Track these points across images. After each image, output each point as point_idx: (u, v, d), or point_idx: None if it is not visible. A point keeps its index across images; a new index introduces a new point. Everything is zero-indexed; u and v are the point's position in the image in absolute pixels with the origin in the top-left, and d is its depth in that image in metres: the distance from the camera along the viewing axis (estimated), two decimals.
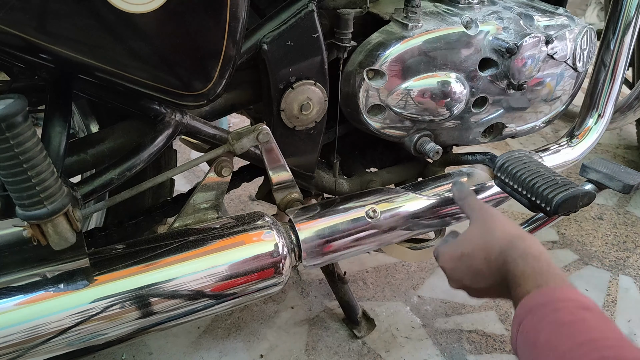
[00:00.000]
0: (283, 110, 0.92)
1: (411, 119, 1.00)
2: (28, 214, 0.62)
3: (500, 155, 1.04)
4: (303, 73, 0.90)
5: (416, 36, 0.94)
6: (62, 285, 0.75)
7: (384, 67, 0.93)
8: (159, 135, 0.81)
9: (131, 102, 0.81)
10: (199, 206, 0.91)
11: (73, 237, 0.68)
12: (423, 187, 1.06)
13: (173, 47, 0.67)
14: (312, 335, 1.36)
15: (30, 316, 0.72)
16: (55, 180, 0.62)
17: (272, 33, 0.86)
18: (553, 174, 0.95)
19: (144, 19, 0.62)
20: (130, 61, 0.66)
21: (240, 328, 1.37)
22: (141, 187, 0.82)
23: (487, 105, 1.07)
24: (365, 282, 1.53)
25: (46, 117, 0.72)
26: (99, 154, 0.84)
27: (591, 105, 1.25)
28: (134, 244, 0.83)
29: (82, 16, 0.60)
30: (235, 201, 1.85)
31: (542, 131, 2.35)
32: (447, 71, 0.98)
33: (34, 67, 0.74)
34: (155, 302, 0.79)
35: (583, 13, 2.35)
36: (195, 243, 0.84)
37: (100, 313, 0.76)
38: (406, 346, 1.34)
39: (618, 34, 1.19)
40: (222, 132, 0.90)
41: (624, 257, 1.70)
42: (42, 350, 0.73)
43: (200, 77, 0.71)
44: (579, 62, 1.12)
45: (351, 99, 0.97)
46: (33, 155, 0.59)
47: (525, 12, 1.06)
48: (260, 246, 0.86)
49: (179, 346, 1.32)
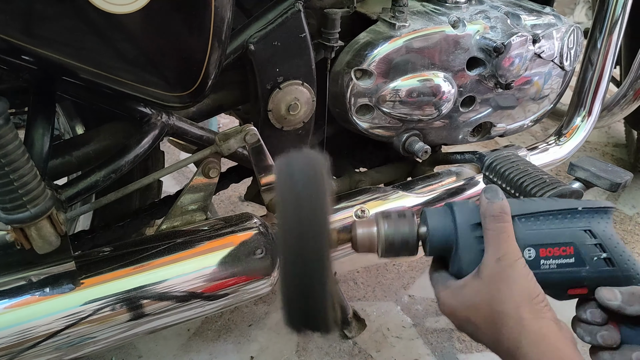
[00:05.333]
0: (270, 110, 0.92)
1: (399, 118, 1.00)
2: (10, 217, 0.61)
3: (488, 154, 1.04)
4: (290, 73, 0.90)
5: (404, 36, 0.94)
6: (47, 289, 0.74)
7: (371, 67, 0.93)
8: (145, 137, 0.80)
9: (116, 103, 0.80)
10: (187, 208, 0.91)
11: (57, 240, 0.67)
12: (412, 187, 1.06)
13: (157, 48, 0.66)
14: (302, 336, 1.36)
15: (15, 321, 0.71)
16: (38, 183, 0.62)
17: (258, 33, 0.85)
18: (541, 173, 0.96)
19: (127, 19, 0.61)
20: (114, 62, 0.65)
21: (230, 330, 1.37)
22: (128, 189, 0.81)
23: (475, 104, 1.07)
24: (356, 282, 1.53)
25: (29, 119, 0.71)
26: (84, 156, 0.84)
27: (579, 104, 1.26)
28: (121, 247, 0.83)
29: (64, 17, 0.59)
30: (226, 202, 1.84)
31: (531, 130, 2.36)
32: (435, 70, 0.99)
33: (17, 69, 0.73)
34: (144, 304, 0.79)
35: (572, 12, 2.36)
36: (183, 245, 0.83)
37: (87, 317, 0.75)
38: (397, 346, 1.34)
39: (605, 33, 1.20)
40: (209, 133, 0.89)
41: None
42: (28, 356, 0.73)
43: (185, 78, 0.71)
44: (566, 61, 1.12)
45: (339, 99, 0.97)
46: (15, 157, 0.58)
47: (513, 11, 1.06)
48: (249, 247, 0.86)
49: (169, 349, 1.31)
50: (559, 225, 0.60)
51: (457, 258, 0.61)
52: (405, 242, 0.60)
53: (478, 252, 0.60)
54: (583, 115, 1.26)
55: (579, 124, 1.26)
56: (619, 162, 2.16)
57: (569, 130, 1.27)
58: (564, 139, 1.27)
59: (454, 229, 0.61)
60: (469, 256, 0.60)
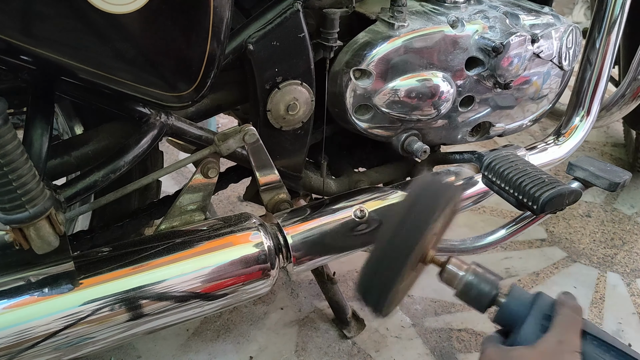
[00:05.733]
0: (269, 110, 0.92)
1: (398, 118, 1.00)
2: (9, 217, 0.61)
3: (487, 154, 1.04)
4: (289, 73, 0.90)
5: (402, 35, 0.94)
6: (46, 290, 0.74)
7: (370, 67, 0.93)
8: (144, 137, 0.80)
9: (115, 103, 0.80)
10: (186, 208, 0.91)
11: (56, 240, 0.67)
12: None
13: (156, 48, 0.66)
14: (302, 336, 1.36)
15: (14, 321, 0.71)
16: (37, 183, 0.62)
17: (257, 33, 0.85)
18: (540, 173, 0.96)
19: (126, 19, 0.61)
20: (113, 62, 0.65)
21: (229, 330, 1.37)
22: (127, 189, 0.81)
23: (474, 104, 1.07)
24: (356, 282, 1.53)
25: (28, 120, 0.71)
26: (83, 156, 0.84)
27: (577, 104, 1.26)
28: (120, 247, 0.83)
29: (62, 17, 0.59)
30: (224, 202, 1.84)
31: (530, 129, 2.36)
32: (434, 70, 0.99)
33: (15, 69, 0.73)
34: (143, 305, 0.78)
35: (570, 11, 2.36)
36: (182, 245, 0.83)
37: (86, 317, 0.75)
38: (396, 346, 1.34)
39: (603, 33, 1.20)
40: (208, 133, 0.89)
41: (611, 254, 1.71)
42: (27, 356, 0.72)
43: (183, 78, 0.71)
44: (564, 61, 1.12)
45: (338, 99, 0.97)
46: (14, 158, 0.58)
47: (511, 11, 1.06)
48: (247, 247, 0.86)
49: (168, 349, 1.31)
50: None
51: (517, 334, 0.64)
52: (479, 297, 0.67)
53: (537, 337, 0.62)
54: (582, 115, 1.26)
55: (578, 124, 1.26)
56: (617, 162, 2.16)
57: (567, 130, 1.27)
58: (563, 139, 1.27)
59: (528, 311, 0.64)
60: (527, 337, 0.63)
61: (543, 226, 1.82)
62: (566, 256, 1.69)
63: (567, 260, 1.68)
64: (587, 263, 1.67)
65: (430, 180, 0.69)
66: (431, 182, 0.69)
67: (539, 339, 0.60)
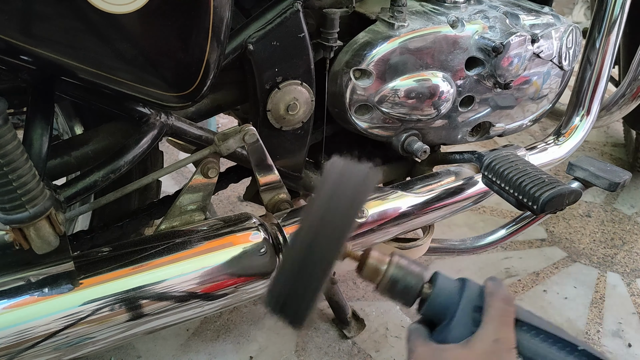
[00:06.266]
0: (269, 110, 0.92)
1: (398, 118, 1.00)
2: (9, 217, 0.61)
3: (487, 154, 1.04)
4: (289, 73, 0.90)
5: (402, 35, 0.94)
6: (46, 290, 0.74)
7: (370, 67, 0.93)
8: (144, 137, 0.80)
9: (115, 103, 0.80)
10: (186, 208, 0.91)
11: (56, 240, 0.67)
12: (411, 187, 1.06)
13: (156, 48, 0.66)
14: (301, 336, 1.36)
15: (14, 321, 0.71)
16: (37, 183, 0.62)
17: (257, 33, 0.85)
18: (540, 172, 0.96)
19: (126, 19, 0.61)
20: (113, 62, 0.65)
21: (229, 330, 1.37)
22: (127, 189, 0.81)
23: (474, 104, 1.07)
24: (355, 282, 1.53)
25: (28, 120, 0.71)
26: (83, 156, 0.84)
27: (577, 104, 1.26)
28: (120, 247, 0.82)
29: (62, 17, 0.59)
30: (225, 202, 1.84)
31: (530, 129, 2.36)
32: (434, 70, 0.99)
33: (15, 69, 0.73)
34: (143, 305, 0.78)
35: (570, 11, 2.36)
36: (182, 245, 0.83)
37: (86, 317, 0.75)
38: (396, 346, 1.34)
39: (603, 33, 1.20)
40: (208, 133, 0.89)
41: (611, 254, 1.71)
42: (27, 356, 0.72)
43: (184, 78, 0.70)
44: (564, 61, 1.12)
45: (338, 99, 0.97)
46: (14, 158, 0.58)
47: (511, 11, 1.06)
48: (247, 247, 0.85)
49: (168, 349, 1.31)
50: (554, 353, 0.60)
51: (447, 329, 0.61)
52: (406, 291, 0.62)
53: (469, 332, 0.59)
54: (582, 115, 1.26)
55: (578, 124, 1.26)
56: (617, 162, 2.16)
57: (567, 130, 1.27)
58: (563, 139, 1.27)
59: (457, 303, 0.61)
60: (459, 332, 0.60)
61: (543, 226, 1.82)
62: (566, 256, 1.69)
63: (567, 260, 1.68)
64: (587, 263, 1.67)
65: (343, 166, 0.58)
66: (345, 167, 0.58)
67: (473, 336, 0.58)
